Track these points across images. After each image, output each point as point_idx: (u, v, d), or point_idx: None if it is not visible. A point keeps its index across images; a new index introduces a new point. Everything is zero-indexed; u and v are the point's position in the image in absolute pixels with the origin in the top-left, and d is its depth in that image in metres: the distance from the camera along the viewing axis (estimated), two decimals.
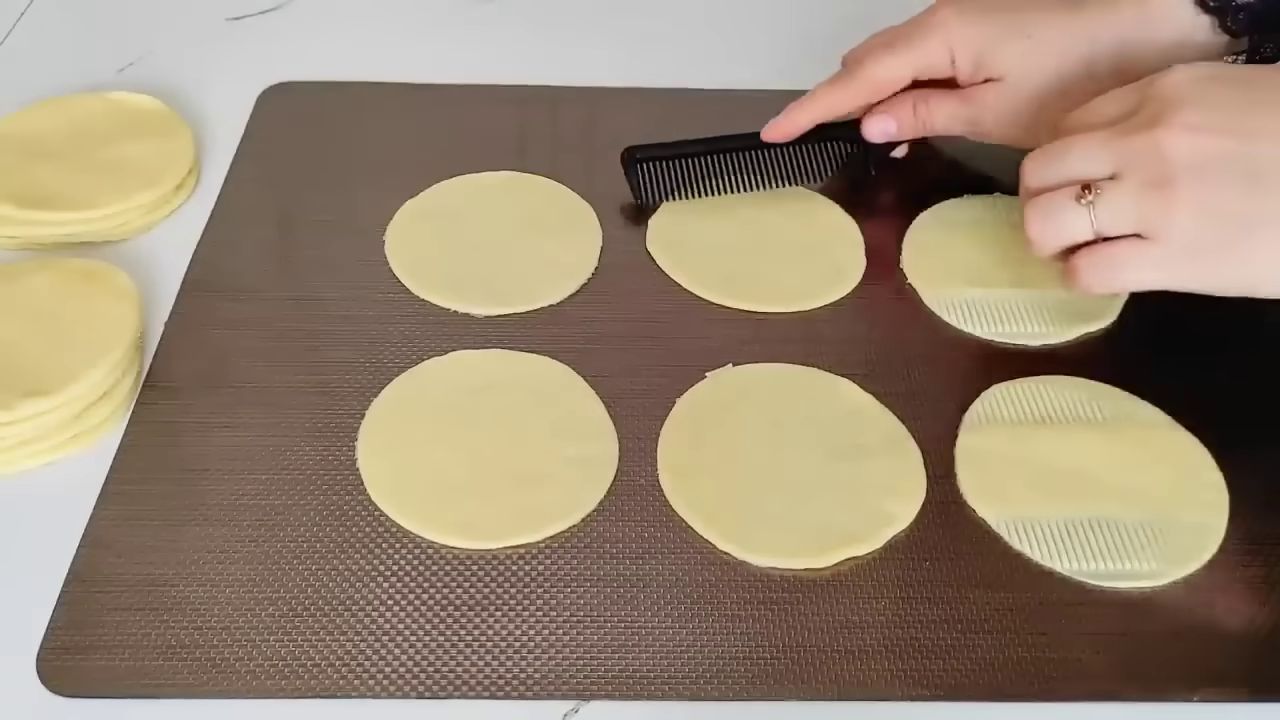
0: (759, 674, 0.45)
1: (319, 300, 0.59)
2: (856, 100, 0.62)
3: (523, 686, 0.45)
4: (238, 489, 0.51)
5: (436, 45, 0.76)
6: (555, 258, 0.61)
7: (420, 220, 0.63)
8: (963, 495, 0.51)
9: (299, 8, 0.79)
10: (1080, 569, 0.49)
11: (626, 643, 0.46)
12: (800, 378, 0.56)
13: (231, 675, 0.45)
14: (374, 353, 0.56)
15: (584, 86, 0.72)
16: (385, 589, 0.47)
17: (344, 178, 0.65)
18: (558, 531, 0.49)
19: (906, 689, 0.45)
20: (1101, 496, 0.51)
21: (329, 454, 0.52)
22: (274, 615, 0.46)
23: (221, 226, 0.62)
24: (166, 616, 0.46)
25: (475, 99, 0.71)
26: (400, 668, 0.45)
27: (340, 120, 0.69)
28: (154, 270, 0.60)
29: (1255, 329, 0.58)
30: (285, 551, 0.48)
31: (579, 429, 0.53)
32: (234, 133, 0.68)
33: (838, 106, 0.63)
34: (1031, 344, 0.58)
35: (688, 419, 0.54)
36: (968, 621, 0.47)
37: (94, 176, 0.62)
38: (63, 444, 0.52)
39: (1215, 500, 0.51)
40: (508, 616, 0.47)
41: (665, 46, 0.76)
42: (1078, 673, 0.46)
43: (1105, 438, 0.53)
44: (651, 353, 0.57)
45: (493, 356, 0.56)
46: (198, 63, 0.74)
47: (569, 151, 0.67)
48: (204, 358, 0.56)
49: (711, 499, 0.50)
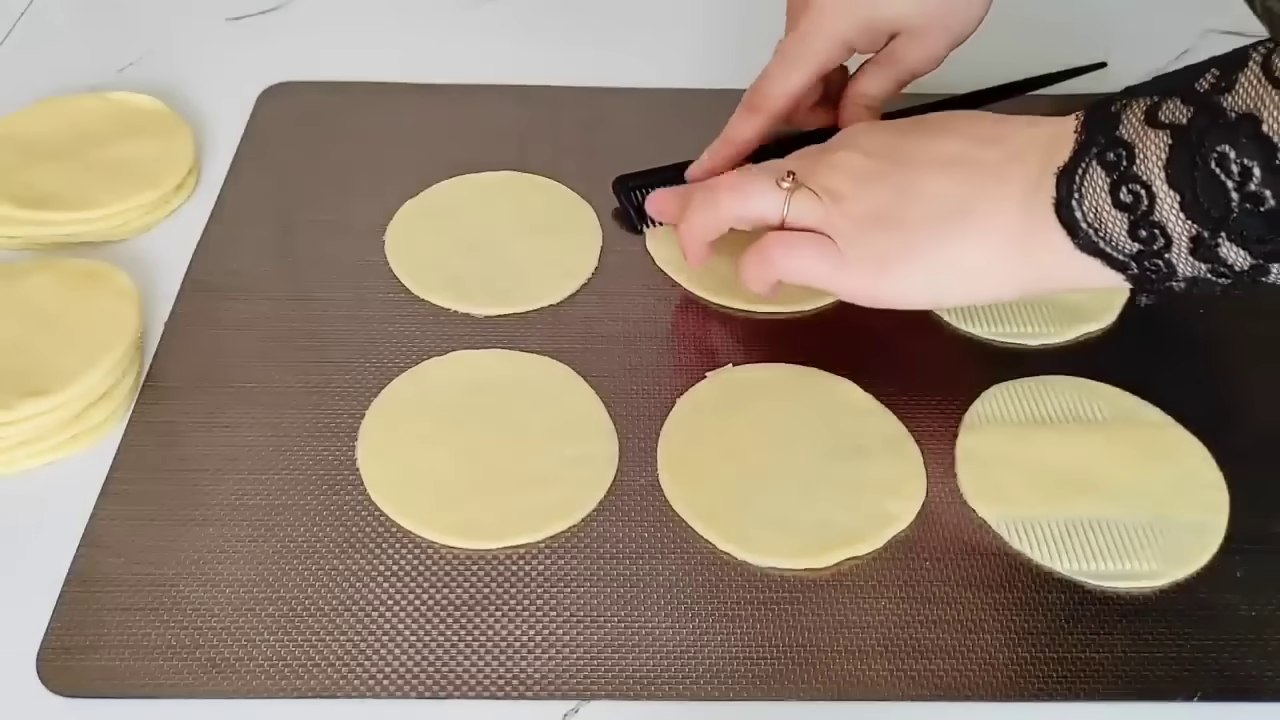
0: (759, 674, 0.45)
1: (319, 300, 0.59)
2: (764, 125, 0.61)
3: (523, 686, 0.45)
4: (238, 489, 0.51)
5: (436, 45, 0.76)
6: (555, 258, 0.61)
7: (420, 220, 0.63)
8: (963, 495, 0.51)
9: (299, 8, 0.79)
10: (1080, 569, 0.49)
11: (626, 643, 0.46)
12: (800, 378, 0.56)
13: (231, 675, 0.45)
14: (374, 353, 0.56)
15: (584, 86, 0.72)
16: (385, 589, 0.47)
17: (344, 178, 0.65)
18: (558, 531, 0.49)
19: (906, 689, 0.45)
20: (1101, 496, 0.51)
21: (329, 454, 0.52)
22: (274, 615, 0.46)
23: (221, 226, 0.62)
24: (166, 616, 0.46)
25: (475, 99, 0.71)
26: (400, 668, 0.45)
27: (340, 120, 0.69)
28: (154, 270, 0.60)
29: (1255, 329, 0.58)
30: (285, 551, 0.48)
31: (579, 429, 0.53)
32: (234, 133, 0.68)
33: (750, 139, 0.61)
34: (1031, 344, 0.58)
35: (688, 419, 0.54)
36: (968, 621, 0.47)
37: (94, 176, 0.62)
38: (63, 444, 0.52)
39: (1215, 500, 0.51)
40: (508, 616, 0.47)
41: (665, 46, 0.76)
42: (1078, 673, 0.46)
43: (1105, 438, 0.53)
44: (651, 353, 0.57)
45: (493, 356, 0.56)
46: (198, 63, 0.74)
47: (569, 151, 0.67)
48: (204, 358, 0.56)
49: (711, 499, 0.50)
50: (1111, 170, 0.45)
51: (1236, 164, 0.42)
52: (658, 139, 0.64)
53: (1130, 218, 0.45)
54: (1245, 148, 0.42)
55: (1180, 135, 0.43)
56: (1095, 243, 0.46)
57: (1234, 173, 0.42)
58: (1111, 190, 0.45)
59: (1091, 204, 0.46)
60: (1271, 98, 0.41)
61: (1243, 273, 0.44)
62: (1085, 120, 0.47)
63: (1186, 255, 0.44)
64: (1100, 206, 0.45)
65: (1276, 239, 0.43)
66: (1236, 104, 0.42)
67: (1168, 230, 0.44)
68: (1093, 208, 0.46)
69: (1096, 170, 0.45)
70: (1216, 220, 0.43)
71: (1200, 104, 0.43)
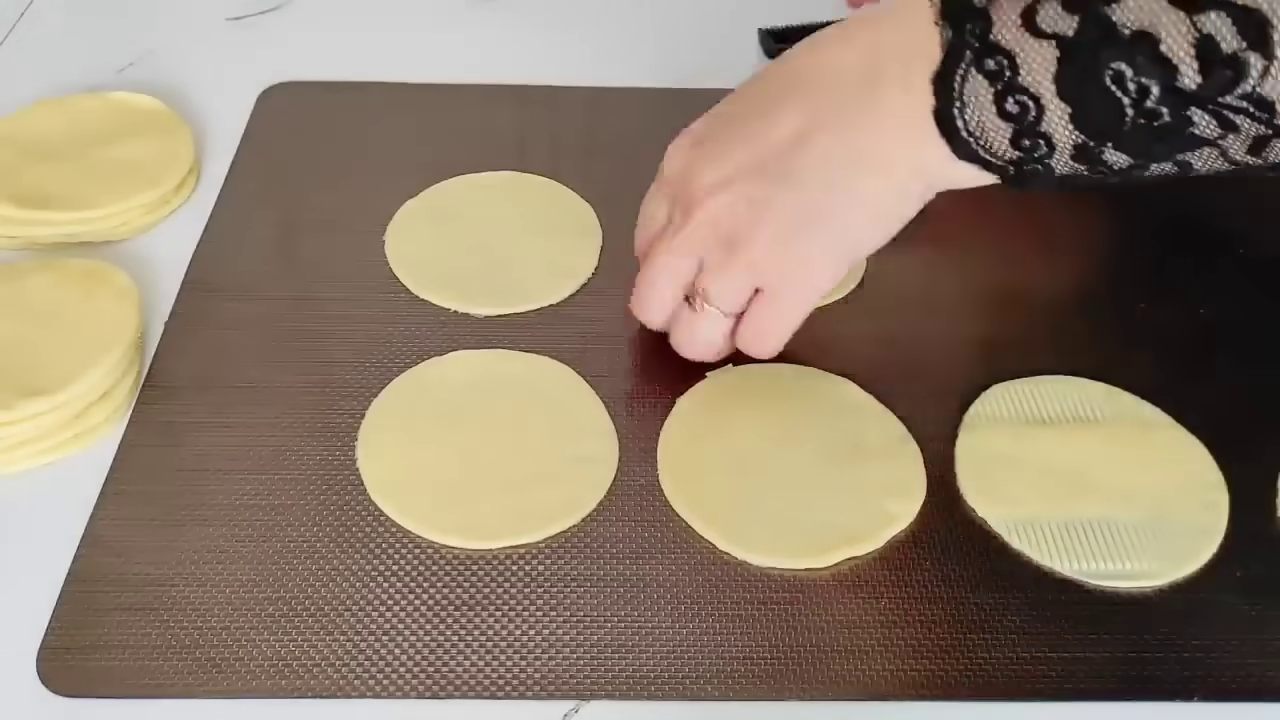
0: (759, 674, 0.45)
1: (319, 300, 0.59)
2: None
3: (523, 686, 0.45)
4: (238, 489, 0.51)
5: (436, 45, 0.76)
6: (555, 258, 0.61)
7: (420, 220, 0.63)
8: (963, 495, 0.51)
9: (299, 8, 0.79)
10: (1080, 569, 0.49)
11: (626, 643, 0.46)
12: (800, 378, 0.56)
13: (231, 675, 0.45)
14: (374, 353, 0.56)
15: (584, 86, 0.72)
16: (385, 589, 0.47)
17: (344, 178, 0.66)
18: (558, 532, 0.49)
19: (906, 689, 0.45)
20: (1101, 496, 0.51)
21: (329, 454, 0.52)
22: (274, 615, 0.46)
23: (221, 226, 0.62)
24: (166, 616, 0.46)
25: (475, 99, 0.71)
26: (400, 668, 0.45)
27: (340, 120, 0.69)
28: (154, 270, 0.60)
29: (1255, 329, 0.58)
30: (285, 551, 0.48)
31: (579, 429, 0.53)
32: (234, 133, 0.68)
33: None
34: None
35: (688, 419, 0.54)
36: (968, 621, 0.47)
37: (94, 176, 0.62)
38: (63, 444, 0.52)
39: (1215, 500, 0.51)
40: (508, 616, 0.47)
41: (665, 47, 0.76)
42: (1078, 673, 0.46)
43: (1105, 438, 0.53)
44: (651, 353, 0.57)
45: (493, 356, 0.56)
46: (198, 63, 0.74)
47: (569, 151, 0.67)
48: (204, 358, 0.56)
49: (711, 499, 0.50)
50: (995, 80, 0.43)
51: (1134, 82, 0.41)
52: (658, 139, 0.64)
53: (1016, 127, 0.44)
54: (1143, 67, 0.41)
55: (1068, 47, 0.42)
56: (975, 150, 0.45)
57: (1130, 90, 0.41)
58: (996, 100, 0.44)
59: (974, 113, 0.44)
60: (1168, 13, 0.40)
61: (1121, 171, 0.44)
62: (946, 14, 0.44)
63: (1068, 160, 0.44)
64: (984, 116, 0.44)
65: (1161, 147, 0.43)
66: (1127, 19, 0.41)
67: (1053, 139, 0.43)
68: (974, 116, 0.44)
69: (977, 79, 0.44)
70: (1106, 132, 0.42)
71: (1086, 14, 0.42)
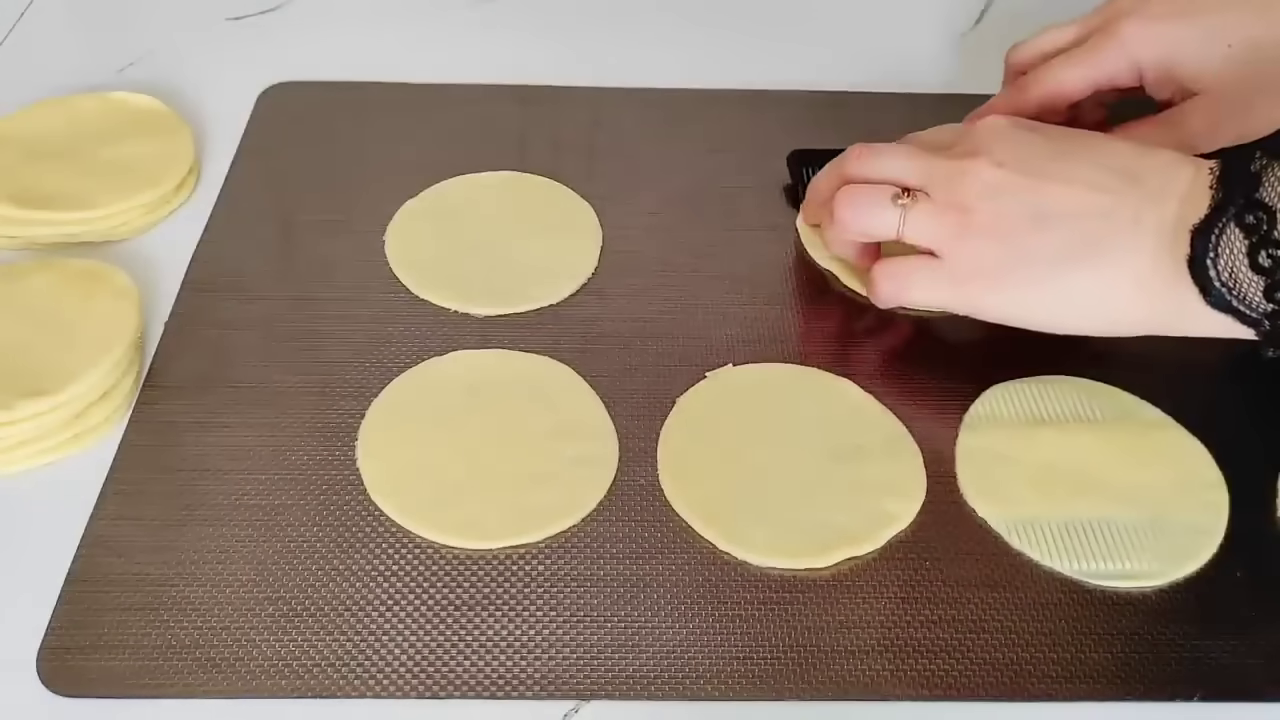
0: (759, 674, 0.45)
1: (319, 300, 0.59)
2: (1025, 107, 0.59)
3: (523, 686, 0.45)
4: (238, 489, 0.51)
5: (436, 45, 0.76)
6: (555, 258, 0.61)
7: (420, 220, 0.63)
8: (963, 495, 0.51)
9: (299, 8, 0.79)
10: (1080, 569, 0.49)
11: (626, 643, 0.46)
12: (800, 378, 0.56)
13: (231, 675, 0.45)
14: (374, 353, 0.56)
15: (584, 86, 0.72)
16: (385, 589, 0.47)
17: (344, 178, 0.65)
18: (558, 531, 0.49)
19: (906, 689, 0.45)
20: (1101, 496, 0.51)
21: (329, 454, 0.52)
22: (274, 615, 0.46)
23: (221, 226, 0.62)
24: (166, 616, 0.46)
25: (475, 99, 0.71)
26: (400, 668, 0.45)
27: (340, 120, 0.69)
28: (154, 270, 0.60)
29: None
30: (285, 551, 0.48)
31: (579, 429, 0.53)
32: (234, 133, 0.68)
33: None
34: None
35: (688, 419, 0.54)
36: (968, 621, 0.47)
37: (94, 176, 0.62)
38: (63, 444, 0.52)
39: (1215, 500, 0.51)
40: (508, 616, 0.47)
41: (667, 46, 0.76)
42: (1078, 673, 0.46)
43: (1105, 438, 0.53)
44: (651, 353, 0.57)
45: (493, 356, 0.56)
46: (198, 63, 0.74)
47: (569, 151, 0.67)
48: (204, 358, 0.56)
49: (711, 499, 0.50)
50: (1251, 233, 0.45)
51: None
52: (658, 139, 0.64)
53: (1268, 281, 0.45)
54: None
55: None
56: (1229, 301, 0.46)
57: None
58: (1250, 253, 0.45)
59: (1227, 264, 0.46)
60: None
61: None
62: (1221, 175, 0.46)
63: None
64: (1236, 267, 0.45)
65: None
66: None
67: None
68: (1228, 268, 0.46)
69: (1234, 231, 0.45)
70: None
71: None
